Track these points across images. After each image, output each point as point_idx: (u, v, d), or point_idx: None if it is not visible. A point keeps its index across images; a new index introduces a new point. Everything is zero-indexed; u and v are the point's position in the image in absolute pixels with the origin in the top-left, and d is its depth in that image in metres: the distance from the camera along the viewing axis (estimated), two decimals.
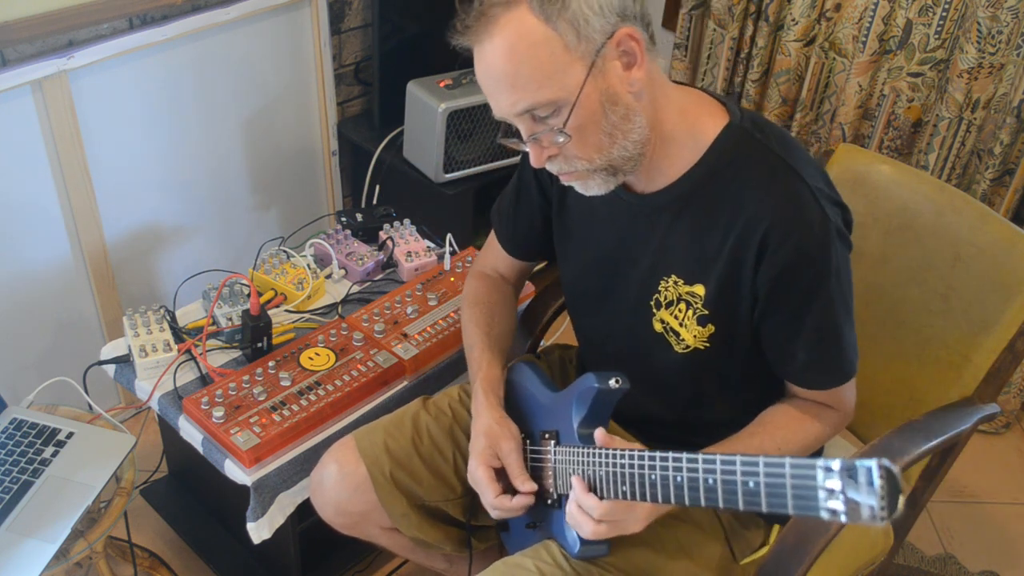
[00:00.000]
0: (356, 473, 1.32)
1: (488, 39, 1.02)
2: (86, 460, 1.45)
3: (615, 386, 1.12)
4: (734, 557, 1.28)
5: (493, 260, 1.48)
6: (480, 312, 1.40)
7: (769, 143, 1.11)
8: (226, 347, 1.61)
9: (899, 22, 2.08)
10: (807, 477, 0.79)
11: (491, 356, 1.33)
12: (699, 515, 1.28)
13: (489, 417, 1.25)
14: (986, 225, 1.36)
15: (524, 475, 1.20)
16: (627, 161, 1.09)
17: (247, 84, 2.17)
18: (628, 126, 1.06)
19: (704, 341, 1.17)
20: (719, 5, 2.35)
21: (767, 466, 0.84)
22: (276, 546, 1.54)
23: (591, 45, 1.01)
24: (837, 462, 0.77)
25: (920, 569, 1.94)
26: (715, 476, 0.89)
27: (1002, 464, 2.22)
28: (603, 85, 1.02)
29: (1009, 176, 2.07)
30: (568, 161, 1.08)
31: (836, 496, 0.77)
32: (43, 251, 1.92)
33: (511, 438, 1.23)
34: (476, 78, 1.06)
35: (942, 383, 1.39)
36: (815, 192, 1.08)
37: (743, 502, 0.87)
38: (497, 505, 1.20)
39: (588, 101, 1.02)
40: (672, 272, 1.17)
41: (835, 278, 1.10)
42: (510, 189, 1.39)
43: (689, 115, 1.12)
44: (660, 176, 1.14)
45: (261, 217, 2.39)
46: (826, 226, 1.08)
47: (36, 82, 1.76)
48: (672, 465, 0.95)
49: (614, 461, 1.04)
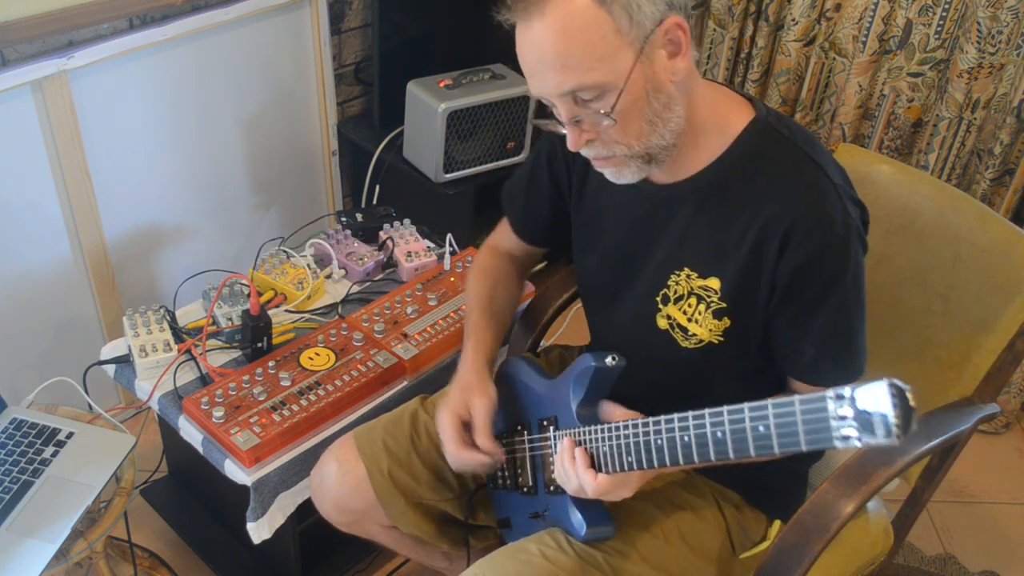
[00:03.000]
0: (356, 471, 1.33)
1: (539, 17, 1.00)
2: (86, 460, 1.45)
3: (612, 363, 1.13)
4: (734, 550, 1.29)
5: (505, 240, 1.48)
6: (485, 280, 1.41)
7: (795, 138, 1.12)
8: (226, 347, 1.61)
9: (899, 22, 2.08)
10: (819, 410, 0.81)
11: (486, 323, 1.34)
12: (700, 505, 1.28)
13: (470, 372, 1.26)
14: (986, 225, 1.36)
15: (487, 432, 1.21)
16: (663, 150, 1.09)
17: (247, 84, 2.17)
18: (668, 115, 1.06)
19: (719, 335, 1.17)
20: (719, 5, 2.35)
21: (776, 407, 0.86)
22: (276, 546, 1.54)
23: (642, 31, 1.00)
24: (847, 388, 0.78)
25: (920, 569, 1.94)
26: (723, 428, 0.91)
27: (1002, 464, 2.22)
28: (649, 72, 1.03)
29: (1009, 176, 2.07)
30: (607, 146, 1.08)
31: (848, 422, 0.78)
32: (43, 251, 1.92)
33: (485, 395, 1.23)
34: (518, 54, 1.05)
35: (942, 383, 1.39)
36: (838, 189, 1.09)
37: (754, 448, 0.88)
38: (455, 454, 1.21)
39: (634, 87, 1.02)
40: (686, 265, 1.17)
41: (852, 276, 1.11)
42: (522, 175, 1.38)
43: (719, 108, 1.13)
44: (684, 167, 1.15)
45: (261, 217, 2.39)
46: (848, 224, 1.09)
47: (36, 82, 1.76)
48: (678, 426, 0.96)
49: (616, 433, 1.05)
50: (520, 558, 1.17)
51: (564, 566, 1.16)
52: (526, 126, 2.28)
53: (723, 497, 1.30)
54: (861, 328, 1.16)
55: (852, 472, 1.19)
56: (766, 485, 1.29)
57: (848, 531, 1.27)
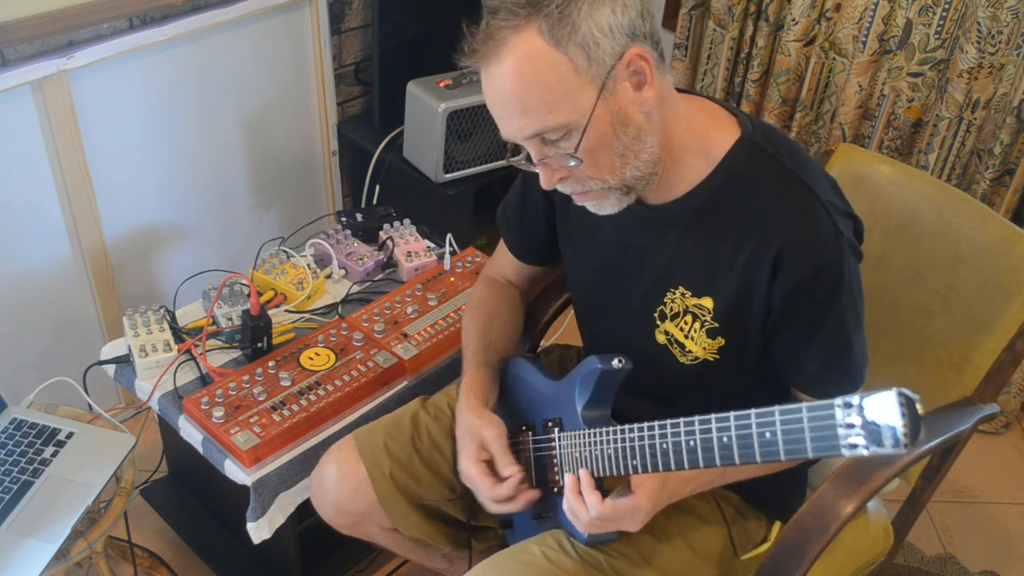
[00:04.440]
0: (356, 473, 1.32)
1: (497, 62, 1.00)
2: (86, 460, 1.45)
3: (618, 366, 1.12)
4: (735, 551, 1.29)
5: (501, 266, 1.47)
6: (479, 315, 1.40)
7: (780, 157, 1.10)
8: (226, 347, 1.61)
9: (899, 22, 2.08)
10: (826, 417, 0.81)
11: (481, 359, 1.33)
12: (702, 507, 1.28)
13: (470, 415, 1.25)
14: (986, 225, 1.36)
15: (508, 458, 1.20)
16: (640, 180, 1.08)
17: (247, 84, 2.17)
18: (639, 146, 1.05)
19: (713, 353, 1.17)
20: (719, 5, 2.35)
21: (783, 413, 0.85)
22: (276, 546, 1.54)
23: (601, 68, 0.99)
24: (856, 396, 0.78)
25: (920, 569, 1.94)
26: (729, 433, 0.90)
27: (1002, 464, 2.22)
28: (614, 107, 1.01)
29: (1009, 176, 2.07)
30: (580, 182, 1.08)
31: (856, 431, 0.78)
32: (43, 251, 1.92)
33: (493, 427, 1.23)
34: (485, 101, 1.05)
35: (942, 383, 1.39)
36: (827, 207, 1.08)
37: (760, 454, 0.87)
38: (494, 496, 1.20)
39: (599, 124, 1.01)
40: (680, 284, 1.17)
41: (847, 291, 1.10)
42: (514, 194, 1.38)
43: (698, 130, 1.11)
44: (670, 189, 1.14)
45: (261, 217, 2.39)
46: (839, 241, 1.08)
47: (36, 82, 1.76)
48: (684, 430, 0.96)
49: (622, 436, 1.04)
50: (522, 559, 1.17)
51: (566, 568, 1.16)
52: None
53: (724, 498, 1.30)
54: (860, 340, 1.16)
55: (852, 472, 1.19)
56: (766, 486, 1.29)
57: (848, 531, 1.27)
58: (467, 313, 1.42)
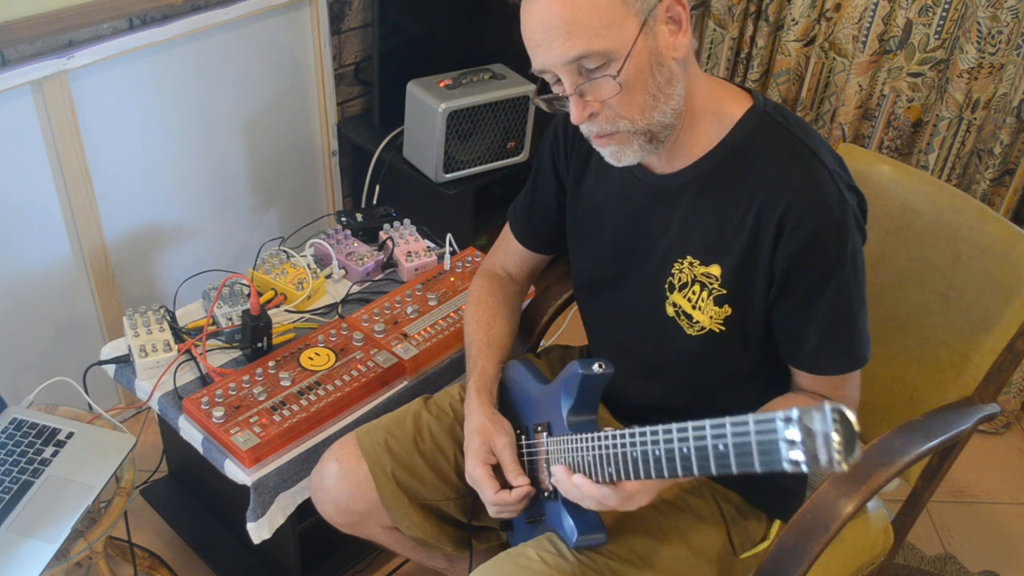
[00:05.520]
0: (357, 471, 1.32)
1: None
2: (86, 460, 1.45)
3: (599, 371, 1.12)
4: (734, 550, 1.29)
5: (502, 258, 1.48)
6: (481, 311, 1.40)
7: (790, 126, 1.13)
8: (226, 347, 1.61)
9: (899, 22, 2.08)
10: (769, 431, 0.81)
11: (487, 355, 1.34)
12: (701, 505, 1.28)
13: (481, 415, 1.26)
14: (986, 225, 1.36)
15: (517, 469, 1.21)
16: (664, 129, 1.10)
17: (247, 84, 2.17)
18: (670, 90, 1.07)
19: (720, 323, 1.17)
20: (719, 5, 2.35)
21: (733, 425, 0.85)
22: (276, 546, 1.54)
23: (646, 3, 1.03)
24: (795, 411, 0.78)
25: (920, 569, 1.94)
26: (688, 444, 0.90)
27: (1002, 464, 2.22)
28: (653, 45, 1.04)
29: (1009, 176, 2.07)
30: (610, 120, 1.08)
31: (796, 446, 0.78)
32: (43, 251, 1.92)
33: (504, 434, 1.23)
34: (523, 30, 1.06)
35: (942, 383, 1.39)
36: (834, 175, 1.10)
37: (715, 466, 0.87)
38: (496, 501, 1.20)
39: (638, 57, 1.03)
40: (688, 253, 1.18)
41: (851, 262, 1.11)
42: (527, 185, 1.41)
43: (716, 96, 1.14)
44: (682, 156, 1.16)
45: (261, 217, 2.39)
46: (844, 208, 1.09)
47: (36, 82, 1.76)
48: (650, 439, 0.96)
49: (598, 443, 1.06)
50: (520, 563, 1.18)
51: (564, 571, 1.16)
52: (526, 126, 2.28)
53: (723, 497, 1.31)
54: (862, 315, 1.16)
55: (852, 472, 1.19)
56: (766, 485, 1.29)
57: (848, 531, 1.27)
58: (468, 310, 1.42)
